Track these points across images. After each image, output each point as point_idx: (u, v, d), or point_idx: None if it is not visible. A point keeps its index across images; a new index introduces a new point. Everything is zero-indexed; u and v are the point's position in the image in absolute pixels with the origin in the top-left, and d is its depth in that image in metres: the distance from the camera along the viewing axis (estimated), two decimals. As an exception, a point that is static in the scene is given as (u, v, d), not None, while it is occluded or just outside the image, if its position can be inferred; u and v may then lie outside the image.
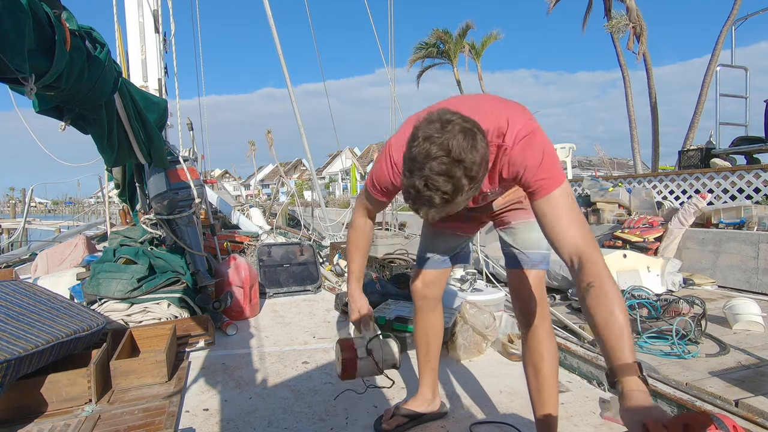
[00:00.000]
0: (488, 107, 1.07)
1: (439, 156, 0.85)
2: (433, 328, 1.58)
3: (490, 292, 2.56)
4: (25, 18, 1.19)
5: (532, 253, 1.32)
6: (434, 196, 0.87)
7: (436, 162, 0.85)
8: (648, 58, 10.90)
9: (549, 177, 1.00)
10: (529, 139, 1.01)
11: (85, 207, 21.31)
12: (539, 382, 1.32)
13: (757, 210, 4.16)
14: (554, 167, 1.01)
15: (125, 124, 2.18)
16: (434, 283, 1.54)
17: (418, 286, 1.54)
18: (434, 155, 0.85)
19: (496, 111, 1.05)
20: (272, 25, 5.93)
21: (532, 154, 1.01)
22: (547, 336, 1.31)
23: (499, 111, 1.05)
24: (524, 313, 1.32)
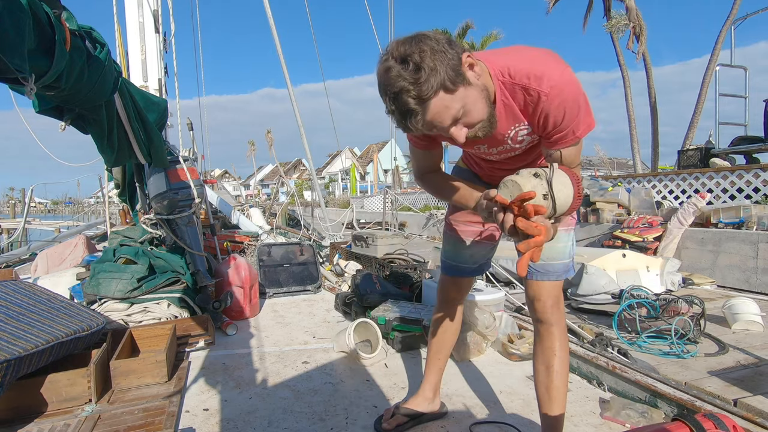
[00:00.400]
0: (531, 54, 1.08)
1: (390, 67, 0.94)
2: (452, 327, 1.59)
3: (490, 292, 2.56)
4: (25, 18, 1.19)
5: (557, 264, 1.31)
6: (405, 100, 0.93)
7: (390, 73, 0.93)
8: (647, 58, 10.90)
9: (579, 131, 1.07)
10: (568, 90, 1.02)
11: (85, 207, 21.31)
12: (550, 379, 1.31)
13: (757, 209, 4.16)
14: (583, 123, 1.06)
15: (125, 124, 2.18)
16: (465, 290, 1.57)
17: (451, 291, 1.55)
18: (386, 69, 0.94)
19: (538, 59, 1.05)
20: (272, 25, 5.94)
21: (570, 109, 1.03)
22: (561, 334, 1.31)
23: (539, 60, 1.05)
24: (542, 313, 1.31)
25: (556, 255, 1.31)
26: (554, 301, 1.30)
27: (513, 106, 1.08)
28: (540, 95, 1.02)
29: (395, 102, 0.95)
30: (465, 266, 1.51)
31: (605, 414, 1.63)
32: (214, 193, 6.24)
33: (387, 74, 0.94)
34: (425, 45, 0.93)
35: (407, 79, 0.92)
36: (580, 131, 1.07)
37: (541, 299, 1.30)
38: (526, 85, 1.03)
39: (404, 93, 0.93)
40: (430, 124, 0.99)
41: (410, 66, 0.92)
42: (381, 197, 12.22)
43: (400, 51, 0.93)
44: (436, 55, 0.93)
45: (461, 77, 0.96)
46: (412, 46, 0.93)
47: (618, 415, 1.60)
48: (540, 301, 1.30)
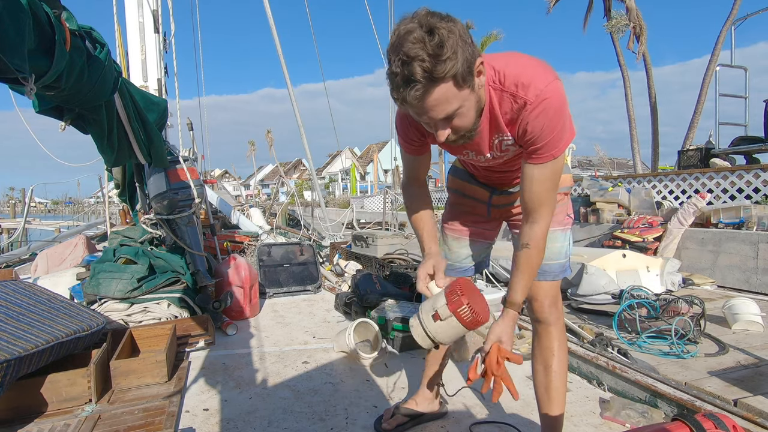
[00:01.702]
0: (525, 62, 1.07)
1: (412, 29, 0.88)
2: None
3: (490, 292, 2.56)
4: (25, 18, 1.19)
5: (554, 264, 1.31)
6: (414, 67, 0.87)
7: (411, 36, 0.87)
8: (648, 58, 10.91)
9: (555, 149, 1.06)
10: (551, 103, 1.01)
11: (85, 207, 21.31)
12: (549, 378, 1.31)
13: (757, 210, 4.16)
14: (562, 139, 1.05)
15: (125, 124, 2.18)
16: None
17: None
18: (408, 31, 0.88)
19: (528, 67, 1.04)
20: (272, 26, 5.94)
21: (550, 122, 1.02)
22: (560, 334, 1.31)
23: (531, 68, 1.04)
24: (540, 312, 1.32)
25: (553, 255, 1.30)
26: (552, 301, 1.31)
27: (498, 116, 1.08)
28: (525, 103, 1.01)
29: (404, 66, 0.88)
30: (459, 265, 1.50)
31: (605, 414, 1.63)
32: (214, 193, 6.25)
33: (407, 35, 0.88)
34: (455, 27, 0.90)
35: (427, 49, 0.86)
36: (558, 149, 1.05)
37: (538, 299, 1.31)
38: (514, 92, 1.02)
39: (417, 61, 0.87)
40: (424, 108, 0.95)
41: (435, 39, 0.86)
42: (381, 197, 12.21)
43: (429, 21, 0.88)
44: (461, 43, 0.90)
45: (471, 78, 0.95)
46: (443, 22, 0.89)
47: (618, 415, 1.60)
48: (537, 301, 1.31)
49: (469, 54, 0.92)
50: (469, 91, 0.96)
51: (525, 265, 1.15)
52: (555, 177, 1.11)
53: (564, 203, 1.34)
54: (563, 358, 1.32)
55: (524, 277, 1.16)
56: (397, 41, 0.90)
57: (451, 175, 1.55)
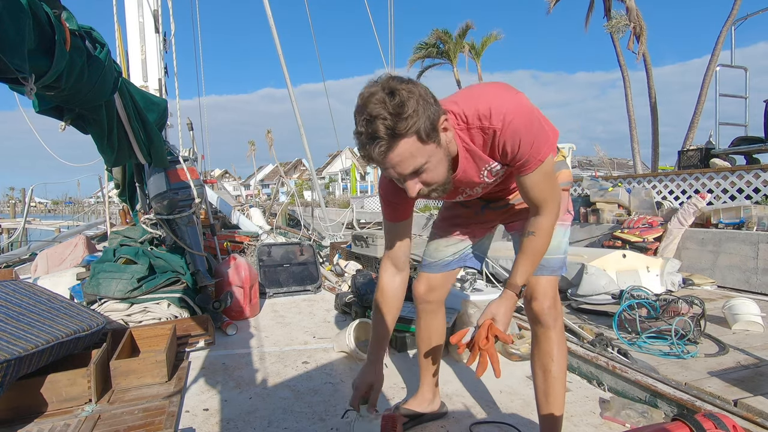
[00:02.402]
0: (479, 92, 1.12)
1: (375, 92, 0.94)
2: (435, 332, 1.58)
3: (490, 292, 2.56)
4: (25, 18, 1.19)
5: (552, 259, 1.30)
6: (377, 124, 0.93)
7: (374, 98, 0.94)
8: (648, 58, 10.91)
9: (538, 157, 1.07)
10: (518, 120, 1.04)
11: (85, 207, 21.30)
12: (547, 383, 1.31)
13: (757, 210, 4.16)
14: (544, 144, 1.07)
15: (125, 124, 2.18)
16: (437, 288, 1.54)
17: (420, 290, 1.54)
18: (371, 93, 0.95)
19: (483, 96, 1.09)
20: (272, 26, 5.94)
21: (525, 137, 1.05)
22: (559, 337, 1.30)
23: (486, 95, 1.08)
24: (539, 315, 1.30)
25: (552, 250, 1.29)
26: (551, 303, 1.29)
27: (476, 150, 1.11)
28: (494, 131, 1.05)
29: (367, 125, 0.95)
30: (443, 261, 1.51)
31: (605, 414, 1.63)
32: (214, 193, 6.25)
33: (370, 97, 0.94)
34: (416, 89, 0.96)
35: (388, 108, 0.92)
36: (542, 154, 1.07)
37: (538, 298, 1.29)
38: (480, 126, 1.06)
39: (380, 120, 0.93)
40: (391, 163, 0.99)
41: (396, 99, 0.93)
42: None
43: (390, 84, 0.95)
44: (422, 102, 0.96)
45: (435, 134, 0.99)
46: (403, 84, 0.96)
47: (618, 415, 1.60)
48: (537, 301, 1.29)
49: (431, 112, 0.97)
50: (435, 146, 1.01)
51: (529, 249, 1.17)
52: (549, 177, 1.13)
53: (564, 199, 1.35)
54: (562, 362, 1.31)
55: (527, 260, 1.18)
56: (361, 103, 0.96)
57: None
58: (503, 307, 1.17)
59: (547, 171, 1.11)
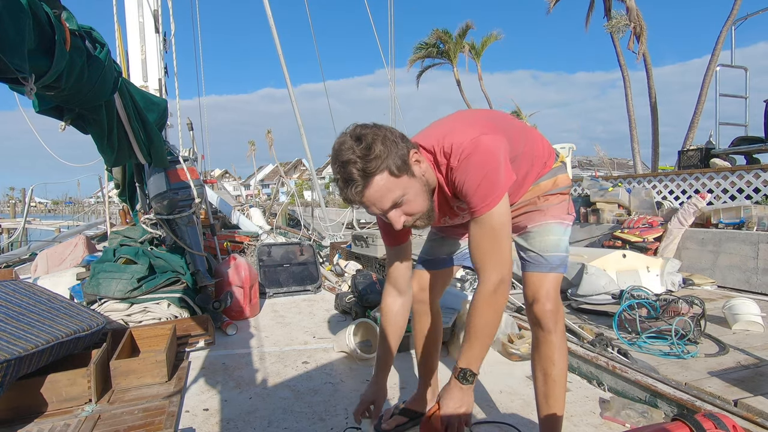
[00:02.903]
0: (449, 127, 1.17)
1: (344, 141, 1.04)
2: (431, 333, 1.57)
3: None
4: (25, 18, 1.19)
5: (552, 256, 1.28)
6: (351, 170, 1.02)
7: (344, 146, 1.04)
8: (648, 58, 10.90)
9: (483, 204, 1.07)
10: (472, 159, 1.07)
11: (85, 207, 21.32)
12: (548, 387, 1.29)
13: (757, 210, 4.16)
14: (492, 191, 1.06)
15: (125, 124, 2.18)
16: (432, 287, 1.53)
17: (413, 289, 1.53)
18: (341, 143, 1.05)
19: (452, 132, 1.14)
20: (272, 26, 5.94)
21: (471, 177, 1.07)
22: (560, 341, 1.28)
23: (454, 131, 1.13)
24: (540, 318, 1.27)
25: (548, 247, 1.29)
26: (553, 306, 1.26)
27: (444, 187, 1.17)
28: (451, 168, 1.11)
29: (341, 170, 1.03)
30: (439, 257, 1.53)
31: (605, 414, 1.63)
32: (214, 193, 6.25)
33: (340, 147, 1.04)
34: (380, 132, 1.05)
35: (356, 153, 1.01)
36: (486, 202, 1.06)
37: (540, 300, 1.26)
38: (444, 162, 1.13)
39: (351, 164, 1.01)
40: (370, 200, 1.05)
41: (362, 144, 1.02)
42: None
43: (356, 132, 1.05)
44: (388, 143, 1.04)
45: (407, 167, 1.06)
46: (368, 130, 1.05)
47: (618, 415, 1.60)
48: (539, 304, 1.26)
49: (399, 149, 1.05)
50: (408, 177, 1.07)
51: (469, 328, 1.10)
52: (495, 232, 1.08)
53: (564, 202, 1.34)
54: (563, 366, 1.29)
55: (470, 340, 1.10)
56: (334, 154, 1.06)
57: None
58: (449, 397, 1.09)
59: (493, 225, 1.07)
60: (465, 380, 1.09)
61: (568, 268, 1.35)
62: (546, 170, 1.33)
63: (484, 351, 1.11)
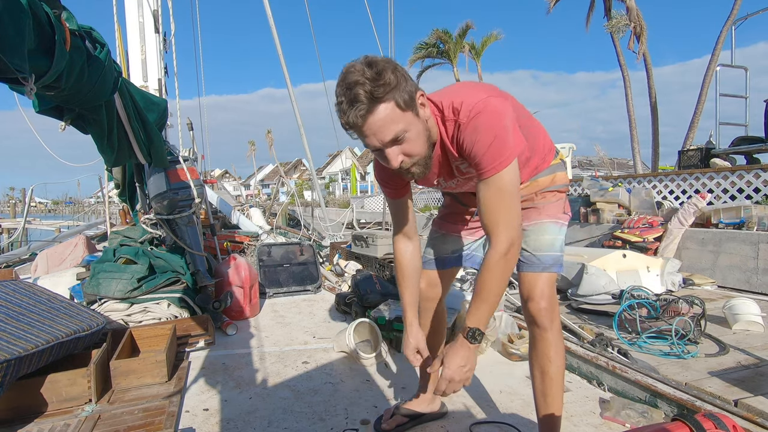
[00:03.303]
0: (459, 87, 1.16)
1: (354, 65, 1.01)
2: (436, 331, 1.57)
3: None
4: (25, 18, 1.19)
5: (545, 256, 1.28)
6: (358, 91, 0.98)
7: (353, 69, 1.00)
8: (648, 58, 10.91)
9: (492, 165, 1.06)
10: (482, 118, 1.05)
11: (85, 207, 21.32)
12: (545, 384, 1.30)
13: (757, 210, 4.16)
14: (502, 153, 1.05)
15: (125, 124, 2.18)
16: (439, 285, 1.53)
17: (421, 286, 1.52)
18: (350, 65, 1.01)
19: (461, 91, 1.12)
20: (272, 26, 5.94)
21: (482, 136, 1.05)
22: (556, 339, 1.28)
23: (463, 91, 1.12)
24: (535, 316, 1.28)
25: (543, 246, 1.29)
26: (548, 304, 1.26)
27: (447, 143, 1.15)
28: (459, 124, 1.08)
29: (347, 91, 0.99)
30: (444, 257, 1.52)
31: (605, 414, 1.63)
32: (214, 193, 6.25)
33: (349, 69, 1.01)
34: (391, 63, 1.03)
35: (366, 76, 0.98)
36: (497, 162, 1.04)
37: (534, 299, 1.27)
38: (451, 117, 1.10)
39: (359, 85, 0.98)
40: (371, 129, 1.02)
41: (374, 68, 0.99)
42: (381, 197, 12.21)
43: (368, 59, 1.02)
44: (398, 74, 1.02)
45: (413, 104, 1.04)
46: (379, 59, 1.02)
47: (618, 415, 1.60)
48: (533, 302, 1.27)
49: (409, 86, 1.03)
50: (413, 115, 1.04)
51: (478, 288, 1.11)
52: (504, 194, 1.07)
53: (561, 201, 1.35)
54: (560, 364, 1.29)
55: (478, 301, 1.11)
56: (341, 77, 1.02)
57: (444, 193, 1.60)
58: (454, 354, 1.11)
59: (502, 187, 1.06)
60: (473, 339, 1.11)
61: (563, 267, 1.35)
62: (545, 165, 1.33)
63: (491, 312, 1.13)
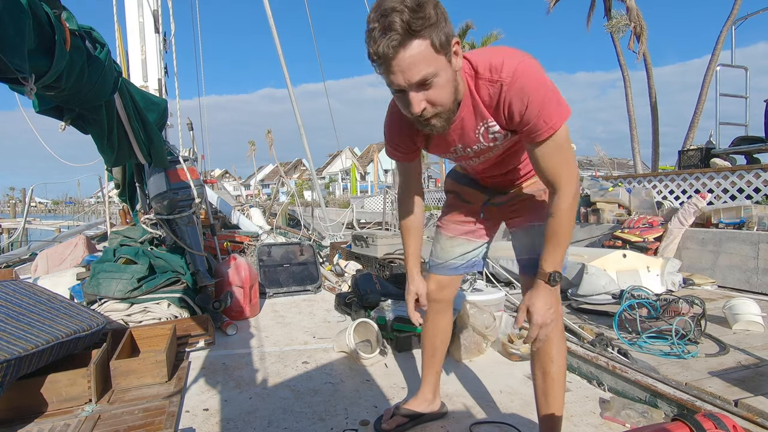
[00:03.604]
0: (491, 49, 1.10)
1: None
2: (442, 331, 1.57)
3: (490, 292, 2.56)
4: (25, 18, 1.19)
5: None
6: (393, 17, 0.90)
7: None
8: (648, 58, 10.91)
9: (549, 125, 1.02)
10: (529, 79, 1.00)
11: (85, 207, 21.32)
12: (547, 384, 1.30)
13: (757, 210, 4.16)
14: (558, 111, 1.02)
15: (125, 124, 2.18)
16: (448, 287, 1.52)
17: (431, 288, 1.51)
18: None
19: (497, 52, 1.06)
20: (272, 26, 5.94)
21: (534, 96, 1.00)
22: (558, 339, 1.29)
23: (499, 52, 1.06)
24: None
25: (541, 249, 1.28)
26: None
27: (479, 102, 1.09)
28: (501, 84, 1.02)
29: (381, 18, 0.91)
30: (451, 263, 1.50)
31: (605, 414, 1.63)
32: (214, 193, 6.25)
33: None
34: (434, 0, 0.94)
35: (406, 4, 0.90)
36: (553, 121, 1.02)
37: None
38: (489, 77, 1.04)
39: (396, 13, 0.90)
40: (400, 65, 0.94)
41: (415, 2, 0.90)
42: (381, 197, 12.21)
43: None
44: (439, 12, 0.93)
45: (448, 49, 0.96)
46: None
47: (618, 415, 1.60)
48: None
49: (447, 27, 0.95)
50: (446, 60, 0.97)
51: (549, 233, 1.14)
52: (563, 150, 1.07)
53: None
54: (561, 363, 1.30)
55: (549, 245, 1.15)
56: (377, 3, 0.93)
57: (450, 178, 1.58)
58: (538, 299, 1.15)
59: (560, 143, 1.06)
60: (554, 281, 1.15)
61: (567, 268, 1.35)
62: None
63: (564, 255, 1.17)
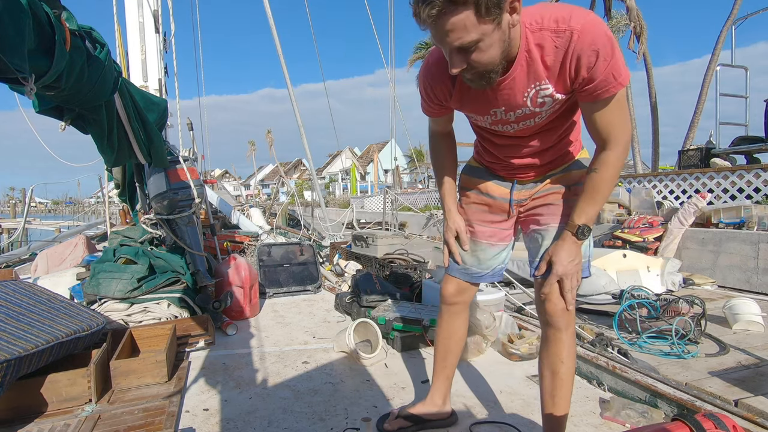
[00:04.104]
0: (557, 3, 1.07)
1: None
2: (456, 334, 1.50)
3: (490, 292, 2.56)
4: (25, 18, 1.19)
5: None
6: None
7: None
8: (648, 58, 10.91)
9: (620, 78, 1.00)
10: (599, 33, 0.97)
11: (85, 207, 21.33)
12: (555, 385, 1.28)
13: (757, 210, 4.16)
14: (623, 68, 0.99)
15: (125, 124, 2.18)
16: (467, 291, 1.46)
17: (449, 291, 1.46)
18: None
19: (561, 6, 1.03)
20: (272, 26, 5.94)
21: (604, 51, 0.97)
22: (569, 341, 1.25)
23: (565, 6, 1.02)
24: (552, 317, 1.24)
25: None
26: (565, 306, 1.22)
27: (537, 60, 1.03)
28: (571, 33, 0.97)
29: None
30: (476, 271, 1.42)
31: (605, 414, 1.63)
32: (214, 193, 6.25)
33: None
34: None
35: None
36: (622, 77, 0.99)
37: (552, 299, 1.22)
38: (555, 28, 0.99)
39: None
40: (439, 31, 0.93)
41: None
42: (381, 197, 12.22)
43: None
44: None
45: (498, 12, 0.91)
46: None
47: (618, 415, 1.60)
48: (551, 302, 1.22)
49: None
50: (493, 26, 0.93)
51: (589, 186, 1.12)
52: (622, 106, 1.05)
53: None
54: (571, 365, 1.27)
55: (587, 198, 1.13)
56: None
57: (466, 174, 1.48)
58: (562, 249, 1.15)
59: (621, 100, 1.04)
60: (582, 235, 1.14)
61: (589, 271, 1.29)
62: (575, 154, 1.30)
63: (596, 213, 1.16)
